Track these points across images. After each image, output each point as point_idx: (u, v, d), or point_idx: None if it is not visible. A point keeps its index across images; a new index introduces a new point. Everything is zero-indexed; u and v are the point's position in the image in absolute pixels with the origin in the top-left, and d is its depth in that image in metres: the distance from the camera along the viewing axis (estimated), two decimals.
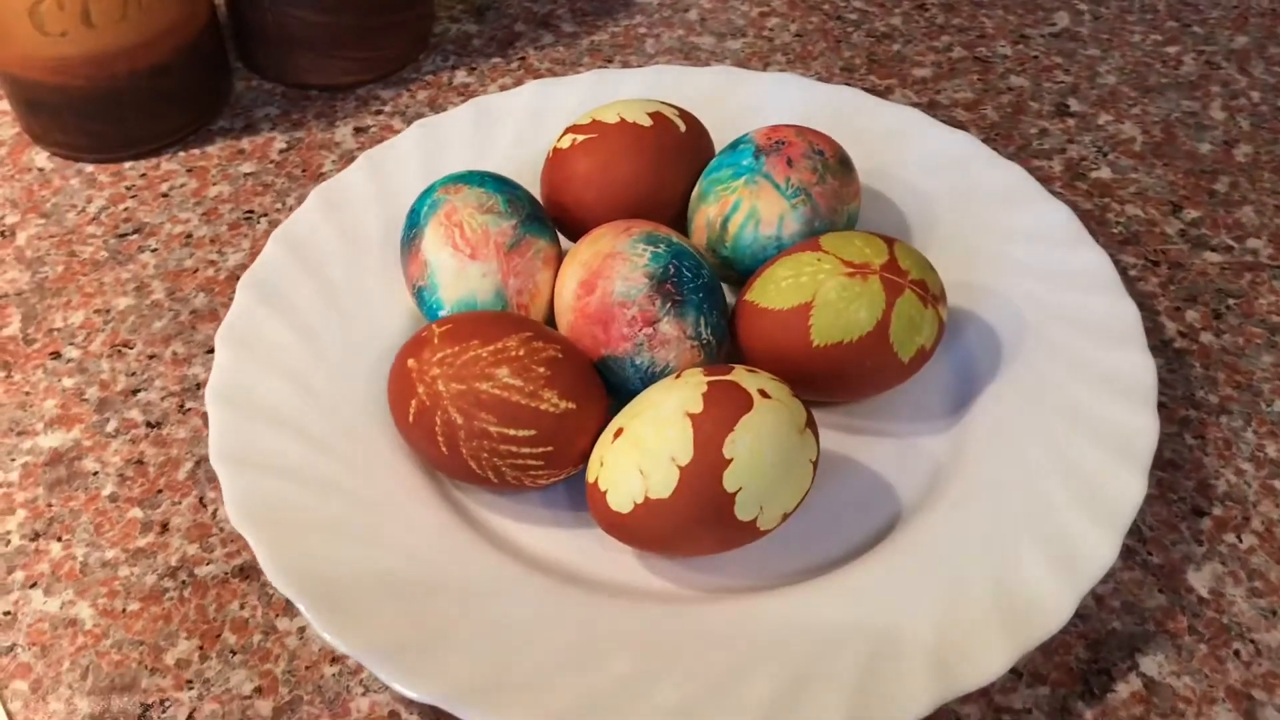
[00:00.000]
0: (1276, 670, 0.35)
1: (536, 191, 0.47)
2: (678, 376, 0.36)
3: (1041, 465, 0.38)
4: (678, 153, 0.44)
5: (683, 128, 0.44)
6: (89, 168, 0.51)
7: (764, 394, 0.35)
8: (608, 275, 0.38)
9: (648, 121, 0.44)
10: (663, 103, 0.45)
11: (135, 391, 0.43)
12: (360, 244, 0.45)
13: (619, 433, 0.35)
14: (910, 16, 0.59)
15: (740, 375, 0.35)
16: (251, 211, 0.49)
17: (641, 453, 0.34)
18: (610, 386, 0.39)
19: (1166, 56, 0.56)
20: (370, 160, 0.47)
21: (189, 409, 0.42)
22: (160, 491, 0.40)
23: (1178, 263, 0.47)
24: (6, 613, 0.37)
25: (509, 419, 0.36)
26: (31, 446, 0.41)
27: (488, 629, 0.34)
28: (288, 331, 0.41)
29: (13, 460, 0.41)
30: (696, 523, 0.34)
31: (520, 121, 0.49)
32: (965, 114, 0.53)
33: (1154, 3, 0.60)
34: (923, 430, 0.40)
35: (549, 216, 0.44)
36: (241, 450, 0.37)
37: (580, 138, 0.44)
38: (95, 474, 0.40)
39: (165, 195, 0.50)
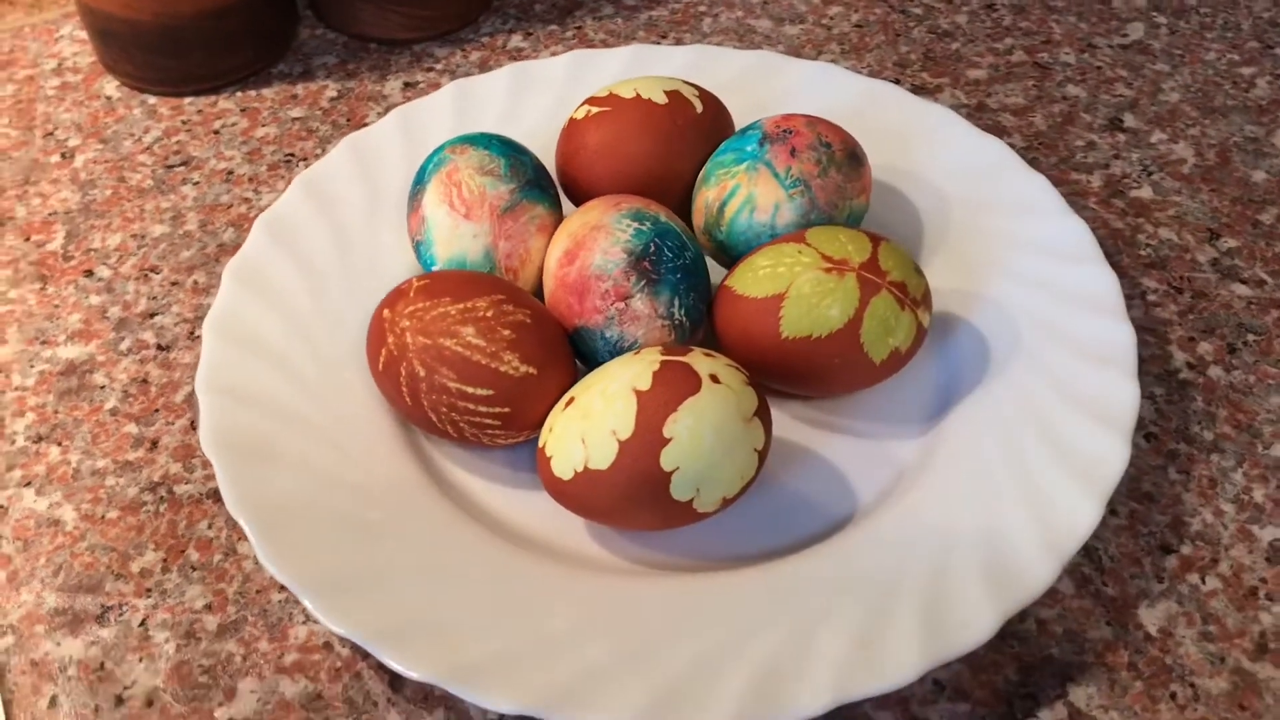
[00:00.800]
0: (1211, 718, 0.34)
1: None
2: (638, 353, 0.37)
3: (1002, 479, 0.37)
4: (691, 133, 0.44)
5: (699, 109, 0.44)
6: (152, 99, 0.54)
7: (715, 379, 0.35)
8: (589, 247, 0.39)
9: (663, 99, 0.44)
10: (685, 82, 0.45)
11: (153, 315, 0.45)
12: (379, 195, 0.46)
13: (570, 401, 0.36)
14: (976, 16, 0.57)
15: (695, 358, 0.36)
16: (292, 155, 0.51)
17: (586, 423, 0.35)
18: (583, 357, 0.40)
19: (1239, 78, 0.54)
20: (403, 115, 0.49)
21: (198, 336, 0.44)
22: (157, 411, 0.42)
23: (1202, 292, 0.45)
24: (1, 507, 0.39)
25: (468, 377, 0.37)
26: (51, 356, 0.44)
27: (425, 576, 0.35)
28: (294, 272, 0.43)
29: (32, 367, 0.43)
30: (632, 497, 0.35)
31: (556, 89, 0.50)
32: (1012, 119, 0.52)
33: (1238, 20, 0.57)
34: (894, 433, 0.40)
35: (562, 186, 0.45)
36: (226, 381, 0.39)
37: (594, 110, 0.44)
38: (102, 388, 0.43)
39: (216, 132, 0.52)
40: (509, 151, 0.42)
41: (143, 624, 0.37)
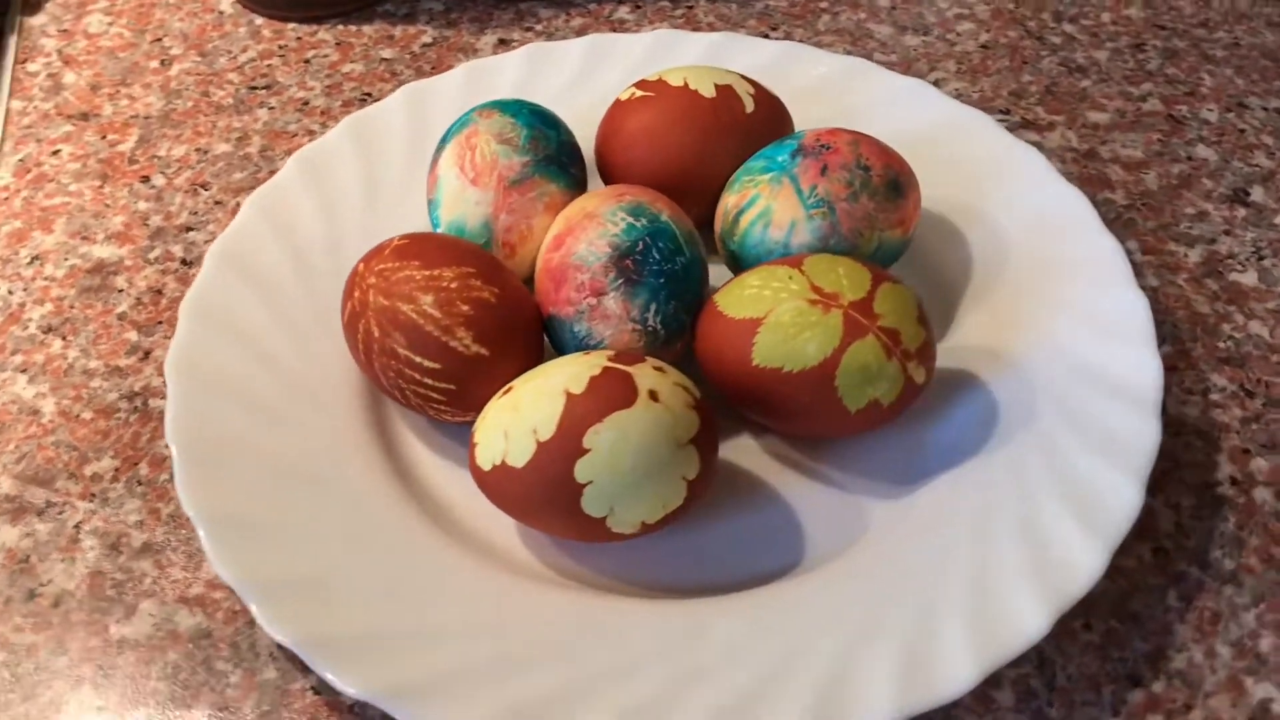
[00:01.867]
0: None
1: None
2: (587, 354, 0.35)
3: (973, 565, 0.34)
4: (734, 130, 0.41)
5: (750, 108, 0.42)
6: (259, 21, 0.55)
7: (654, 396, 0.33)
8: (577, 234, 0.37)
9: (710, 92, 0.41)
10: (744, 78, 0.42)
11: (189, 229, 0.46)
12: (422, 152, 0.45)
13: (509, 390, 0.34)
14: (1120, 54, 0.52)
15: (642, 370, 0.34)
16: (369, 95, 0.51)
17: (513, 416, 0.33)
18: (555, 346, 0.38)
19: None
20: (472, 70, 0.48)
21: None
22: (160, 323, 0.43)
23: (1277, 401, 0.39)
24: None
25: (417, 346, 0.35)
26: (85, 252, 0.45)
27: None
28: (283, 256, 0.42)
29: (66, 259, 0.45)
30: (544, 502, 0.33)
31: (630, 66, 0.48)
32: (1120, 173, 0.47)
33: None
34: (871, 488, 0.37)
35: (598, 168, 0.43)
36: (196, 362, 0.38)
37: (639, 94, 0.42)
38: (119, 291, 0.44)
39: (307, 61, 0.53)
40: (536, 123, 0.41)
41: (76, 527, 0.37)
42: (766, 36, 0.53)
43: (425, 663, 0.32)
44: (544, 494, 0.33)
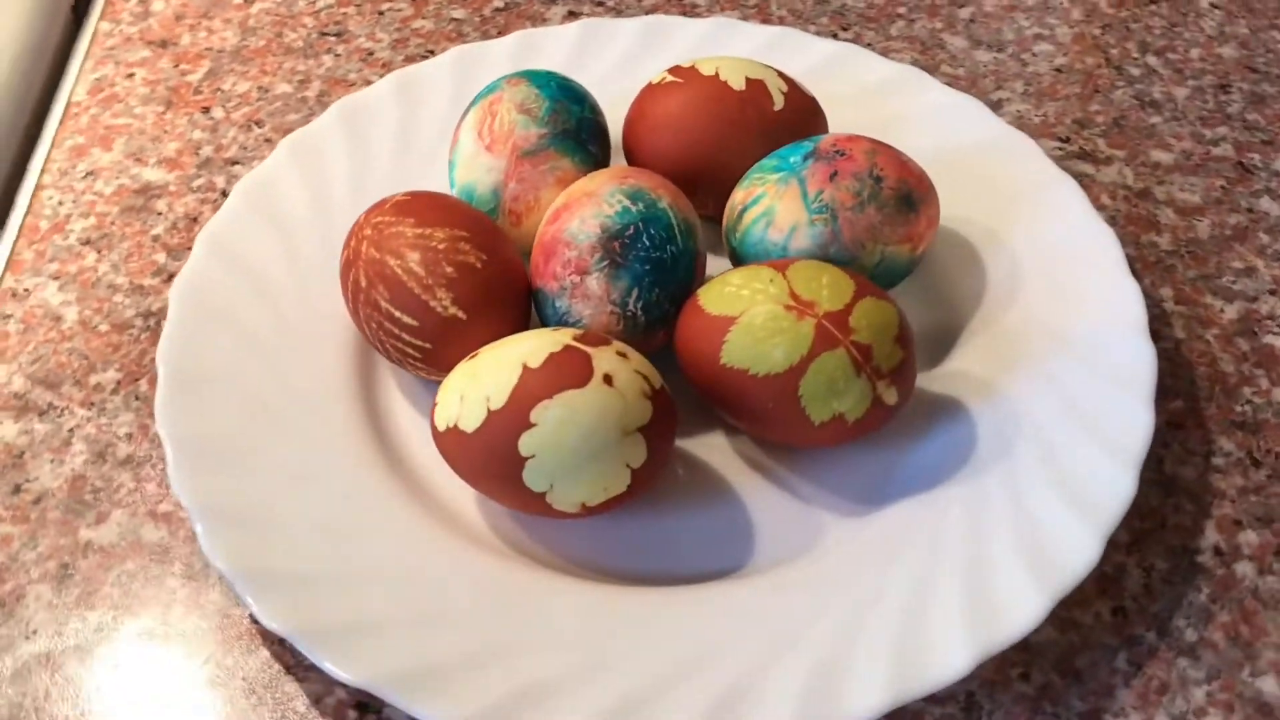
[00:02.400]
0: None
1: None
2: (555, 330, 0.35)
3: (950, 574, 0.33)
4: (759, 126, 0.41)
5: (779, 105, 0.41)
6: None
7: (608, 380, 0.33)
8: (573, 211, 0.37)
9: (740, 85, 0.41)
10: (780, 75, 0.42)
11: (234, 163, 0.48)
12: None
13: (474, 356, 0.35)
14: (1201, 93, 0.49)
15: (604, 353, 0.34)
16: (432, 52, 0.52)
17: (471, 382, 0.34)
18: (540, 319, 0.38)
19: None
20: (524, 39, 0.48)
21: None
22: (188, 250, 0.44)
23: None
24: (25, 289, 0.43)
25: (398, 302, 0.36)
26: (135, 175, 0.47)
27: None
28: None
29: (116, 178, 0.47)
30: (489, 470, 0.34)
31: (683, 51, 0.48)
32: (1171, 217, 0.45)
33: None
34: (833, 504, 0.36)
35: (624, 149, 0.43)
36: (201, 290, 0.40)
37: (669, 79, 0.42)
38: (159, 214, 0.46)
39: (380, 13, 0.54)
40: (560, 96, 0.41)
41: (70, 431, 0.39)
42: (835, 36, 0.52)
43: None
44: (489, 462, 0.33)
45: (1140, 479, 0.36)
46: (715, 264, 0.41)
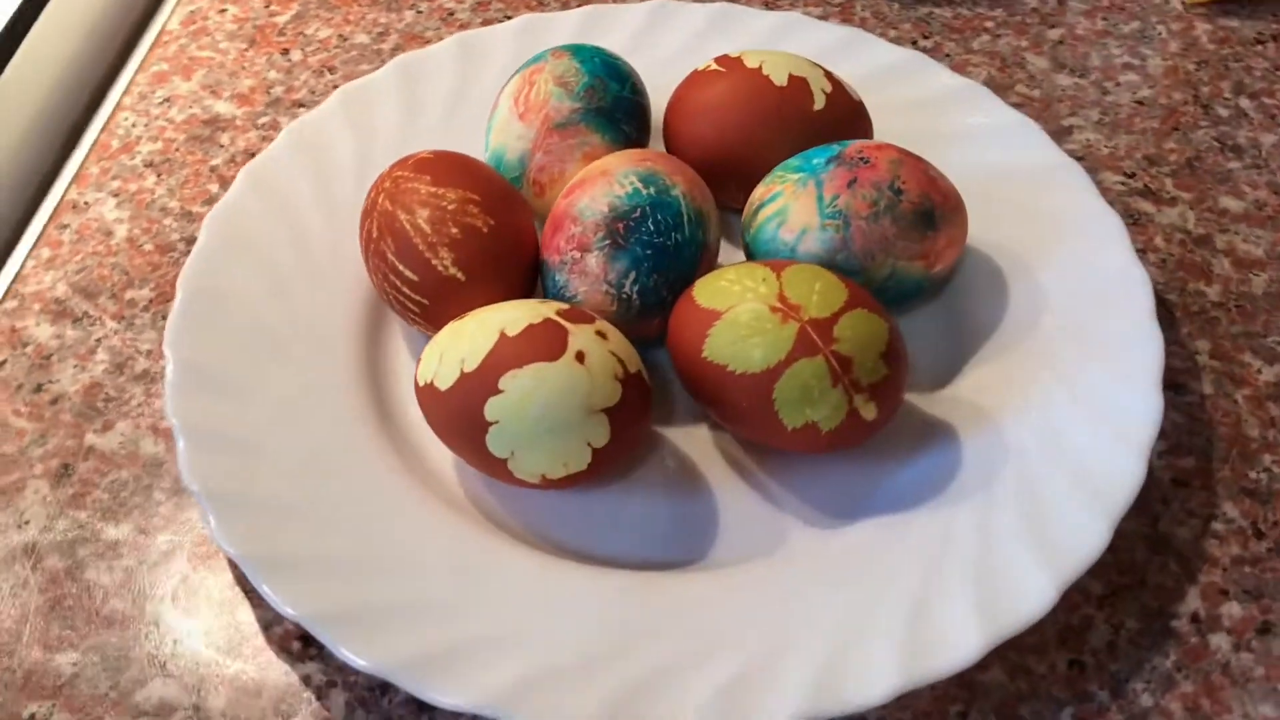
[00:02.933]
0: None
1: None
2: (542, 301, 0.35)
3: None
4: (796, 123, 0.40)
5: (820, 105, 0.40)
6: None
7: (580, 357, 0.33)
8: (587, 188, 0.37)
9: (782, 81, 0.40)
10: (828, 75, 0.41)
11: (300, 105, 0.49)
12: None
13: (463, 318, 0.35)
14: None
15: (583, 331, 0.34)
16: (510, 17, 0.53)
17: (453, 341, 0.34)
18: (542, 289, 0.38)
19: None
20: (595, 13, 0.48)
21: None
22: None
23: None
24: (85, 203, 0.45)
25: (402, 255, 0.37)
26: (206, 107, 0.49)
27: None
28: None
29: (189, 108, 0.49)
30: (456, 429, 0.34)
31: (749, 41, 0.47)
32: (1226, 268, 0.43)
33: None
34: (805, 515, 0.36)
35: (663, 132, 0.43)
36: (232, 222, 0.41)
37: (714, 67, 0.42)
38: (221, 146, 0.48)
39: None
40: (600, 73, 0.41)
41: (98, 341, 0.41)
42: (914, 44, 0.51)
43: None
44: (458, 422, 0.34)
45: (1129, 533, 0.35)
46: (735, 258, 0.41)
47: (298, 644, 0.34)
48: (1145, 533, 0.36)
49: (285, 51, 0.51)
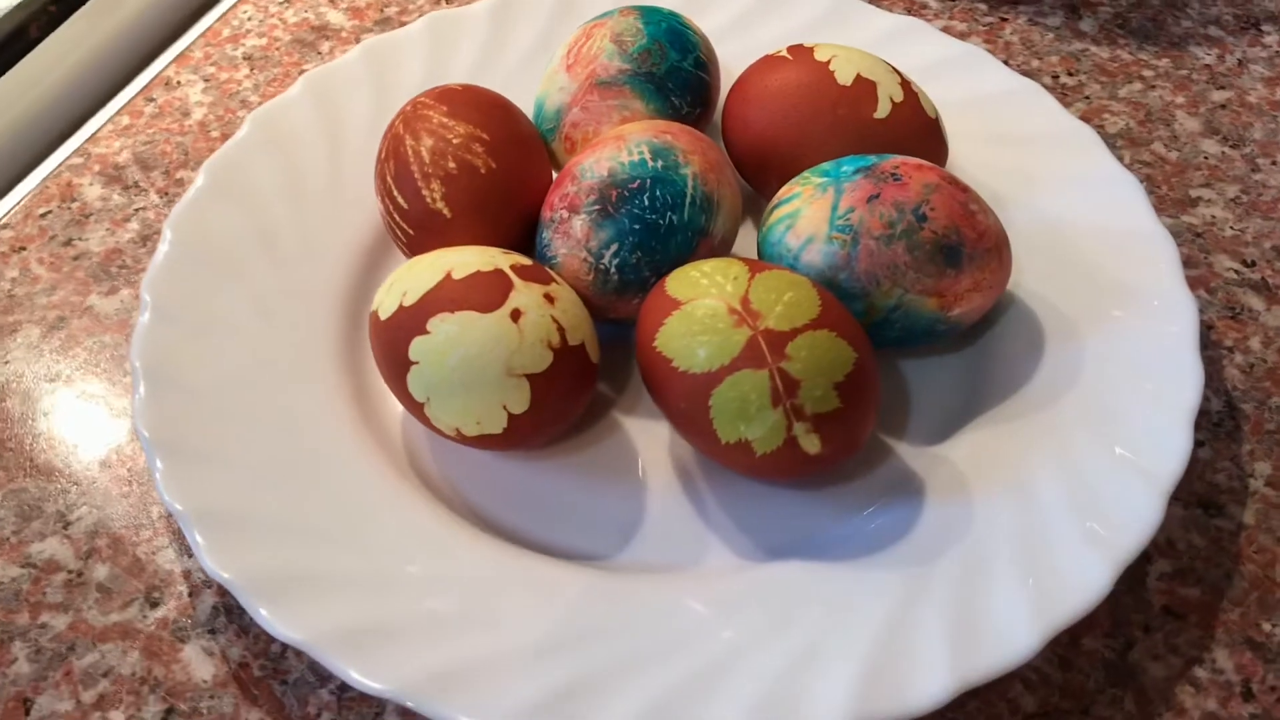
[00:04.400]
0: None
1: None
2: (506, 252, 0.33)
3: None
4: (850, 127, 0.37)
5: (883, 113, 0.37)
6: None
7: (514, 316, 0.31)
8: (598, 149, 0.35)
9: (847, 81, 0.37)
10: (904, 83, 0.38)
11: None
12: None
13: (431, 253, 0.34)
14: None
15: (529, 290, 0.32)
16: None
17: (405, 275, 0.33)
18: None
19: None
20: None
21: None
22: None
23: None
24: (178, 81, 0.47)
25: (399, 179, 0.36)
26: (321, 14, 0.50)
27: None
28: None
29: (304, 12, 0.50)
30: (385, 360, 0.33)
31: (867, 39, 0.43)
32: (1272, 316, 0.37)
33: None
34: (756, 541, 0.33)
35: (724, 112, 0.40)
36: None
37: (784, 55, 0.39)
38: (319, 54, 0.48)
39: None
40: (662, 38, 0.39)
41: (136, 211, 0.42)
42: (1055, 78, 0.46)
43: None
44: (387, 354, 0.33)
45: (1090, 651, 0.31)
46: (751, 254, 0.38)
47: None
48: (1110, 657, 0.31)
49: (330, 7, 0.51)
